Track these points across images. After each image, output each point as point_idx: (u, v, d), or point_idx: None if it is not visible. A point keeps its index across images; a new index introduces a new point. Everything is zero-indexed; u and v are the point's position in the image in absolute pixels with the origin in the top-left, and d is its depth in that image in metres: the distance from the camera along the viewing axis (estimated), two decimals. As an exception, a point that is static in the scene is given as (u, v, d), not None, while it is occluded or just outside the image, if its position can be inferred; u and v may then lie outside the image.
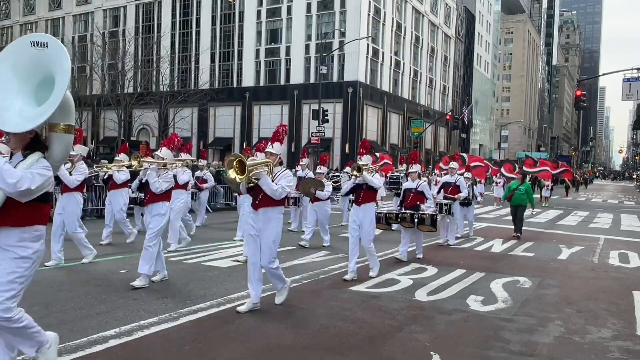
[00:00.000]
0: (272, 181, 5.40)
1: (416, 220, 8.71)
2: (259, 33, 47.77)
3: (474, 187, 13.33)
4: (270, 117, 46.61)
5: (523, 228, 13.22)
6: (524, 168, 20.46)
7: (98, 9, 56.23)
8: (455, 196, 10.81)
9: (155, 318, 5.14)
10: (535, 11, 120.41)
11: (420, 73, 55.52)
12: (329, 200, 10.80)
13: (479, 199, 18.45)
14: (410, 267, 8.48)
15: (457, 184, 11.04)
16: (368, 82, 45.40)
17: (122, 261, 8.09)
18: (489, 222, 16.79)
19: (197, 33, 50.48)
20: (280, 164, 5.75)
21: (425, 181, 9.57)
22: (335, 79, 44.44)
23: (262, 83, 47.73)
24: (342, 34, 42.54)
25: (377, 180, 7.49)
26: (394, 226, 9.41)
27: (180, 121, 46.82)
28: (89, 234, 8.16)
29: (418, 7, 53.54)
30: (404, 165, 14.38)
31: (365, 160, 7.73)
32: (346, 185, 7.72)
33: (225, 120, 48.80)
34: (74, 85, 48.53)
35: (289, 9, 46.40)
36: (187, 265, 8.00)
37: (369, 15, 44.67)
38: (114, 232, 9.86)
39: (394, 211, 9.14)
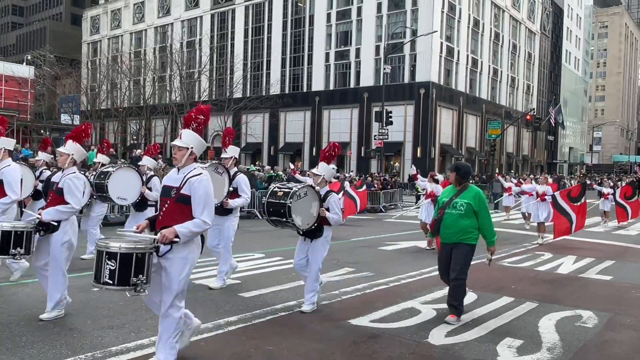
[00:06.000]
0: None
1: None
2: (328, 36, 46.89)
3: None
4: (340, 121, 45.65)
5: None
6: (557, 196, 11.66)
7: (177, 20, 58.03)
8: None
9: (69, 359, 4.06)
10: (634, 2, 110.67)
11: (501, 72, 52.08)
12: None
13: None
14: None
15: (186, 193, 3.90)
16: (442, 83, 43.08)
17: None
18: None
19: (269, 39, 50.51)
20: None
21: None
22: (406, 80, 42.58)
23: (331, 87, 46.76)
24: (414, 33, 40.62)
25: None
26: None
27: (249, 126, 46.95)
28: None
29: (498, 1, 50.25)
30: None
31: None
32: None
33: (295, 126, 48.28)
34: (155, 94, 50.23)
35: (359, 10, 45.13)
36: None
37: (442, 12, 42.38)
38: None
39: None
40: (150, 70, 51.80)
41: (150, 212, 7.84)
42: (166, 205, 3.93)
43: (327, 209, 5.67)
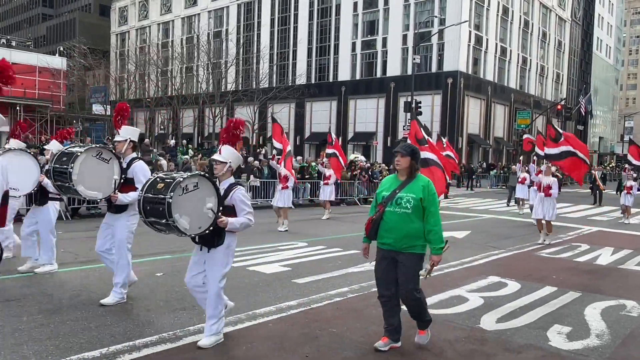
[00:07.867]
0: None
1: None
2: (355, 25, 46.87)
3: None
4: (366, 111, 45.76)
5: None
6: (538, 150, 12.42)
7: (204, 11, 58.58)
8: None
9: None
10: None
11: (530, 60, 51.40)
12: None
13: None
14: (487, 281, 7.14)
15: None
16: (470, 72, 42.77)
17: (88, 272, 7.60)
18: (601, 226, 14.58)
19: (295, 29, 50.70)
20: None
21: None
22: (434, 69, 42.40)
23: (358, 76, 46.82)
24: (442, 22, 40.36)
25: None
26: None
27: (274, 117, 47.26)
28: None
29: (527, -11, 49.55)
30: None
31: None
32: None
33: (321, 115, 48.53)
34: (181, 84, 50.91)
35: (387, -2, 45.02)
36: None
37: (471, 0, 41.99)
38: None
39: None
40: (178, 60, 52.48)
41: (52, 206, 6.73)
42: None
43: (233, 207, 4.29)
